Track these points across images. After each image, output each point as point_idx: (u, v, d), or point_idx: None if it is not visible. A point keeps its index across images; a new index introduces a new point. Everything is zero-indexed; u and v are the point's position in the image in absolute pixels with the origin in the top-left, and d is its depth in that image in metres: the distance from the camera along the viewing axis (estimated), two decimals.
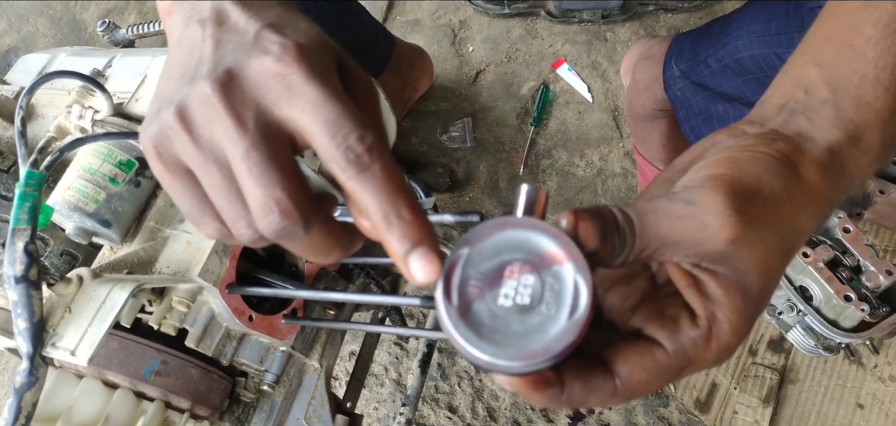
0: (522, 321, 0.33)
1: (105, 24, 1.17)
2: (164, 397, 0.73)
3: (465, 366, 1.30)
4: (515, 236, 0.34)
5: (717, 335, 0.36)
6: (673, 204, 0.35)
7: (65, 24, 1.89)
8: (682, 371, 0.36)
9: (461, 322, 0.32)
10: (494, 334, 0.32)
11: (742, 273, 0.35)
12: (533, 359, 0.32)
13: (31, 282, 0.61)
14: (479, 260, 0.34)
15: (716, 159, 0.37)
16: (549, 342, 0.32)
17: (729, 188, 0.35)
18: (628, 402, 1.21)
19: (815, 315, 1.07)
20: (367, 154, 0.32)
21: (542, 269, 0.33)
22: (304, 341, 0.83)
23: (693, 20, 1.55)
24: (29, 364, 0.61)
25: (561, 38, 1.58)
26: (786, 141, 0.38)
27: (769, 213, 0.35)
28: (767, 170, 0.36)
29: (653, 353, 0.36)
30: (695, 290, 0.36)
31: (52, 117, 0.83)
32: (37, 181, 0.63)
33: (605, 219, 0.34)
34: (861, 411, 1.15)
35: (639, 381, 0.36)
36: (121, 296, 0.63)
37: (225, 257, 0.70)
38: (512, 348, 0.32)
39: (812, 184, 0.37)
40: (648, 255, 0.36)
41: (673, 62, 1.12)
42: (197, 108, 0.34)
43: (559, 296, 0.33)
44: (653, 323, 0.37)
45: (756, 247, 0.35)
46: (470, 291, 0.33)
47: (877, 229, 1.27)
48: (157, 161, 0.36)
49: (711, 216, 0.34)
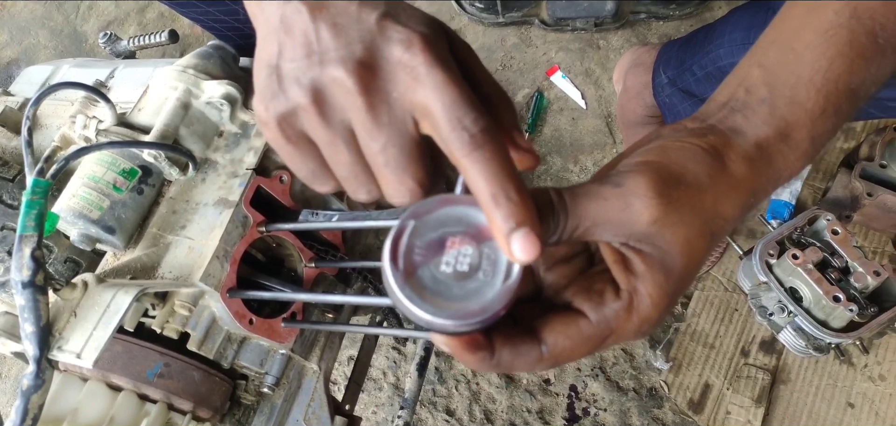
0: (461, 286, 0.36)
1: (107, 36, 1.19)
2: (167, 399, 0.74)
3: (463, 370, 1.32)
4: (457, 212, 0.38)
5: (638, 307, 0.39)
6: (602, 186, 0.38)
7: (66, 36, 1.92)
8: (604, 340, 0.40)
9: (406, 284, 0.35)
10: (436, 297, 0.35)
11: (664, 252, 0.38)
12: (469, 319, 0.35)
13: (37, 287, 0.63)
14: (425, 230, 0.37)
15: (648, 148, 0.41)
16: (484, 303, 0.35)
17: (654, 173, 0.38)
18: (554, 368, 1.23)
19: (805, 316, 1.09)
20: (481, 134, 0.35)
21: (480, 242, 0.37)
22: (303, 344, 0.85)
23: (684, 27, 1.58)
24: (35, 367, 0.62)
25: (555, 46, 1.61)
26: (717, 135, 0.41)
27: (691, 197, 0.38)
28: (693, 159, 0.39)
29: (577, 323, 0.39)
30: (621, 266, 0.39)
31: (56, 127, 0.85)
32: (43, 189, 0.65)
33: (540, 200, 0.37)
34: (852, 410, 1.17)
35: (563, 348, 0.39)
36: (124, 300, 0.65)
37: (226, 262, 0.71)
38: (451, 309, 0.35)
39: (736, 174, 0.40)
40: (580, 234, 0.39)
41: (661, 70, 1.14)
42: (333, 92, 0.37)
43: (495, 265, 0.36)
44: (580, 296, 0.40)
45: (678, 229, 0.38)
46: (415, 258, 0.36)
47: (865, 231, 1.29)
48: (278, 133, 0.39)
49: (635, 197, 0.37)
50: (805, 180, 1.34)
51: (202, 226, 0.73)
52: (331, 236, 0.86)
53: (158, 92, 0.79)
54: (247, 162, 0.76)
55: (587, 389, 1.27)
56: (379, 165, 0.38)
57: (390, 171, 0.38)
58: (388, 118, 0.37)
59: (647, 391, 1.25)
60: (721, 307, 1.27)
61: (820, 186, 1.34)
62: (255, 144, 0.77)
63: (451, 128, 0.35)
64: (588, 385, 1.27)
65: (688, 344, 1.24)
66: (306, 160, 0.40)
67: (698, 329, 1.26)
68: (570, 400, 1.27)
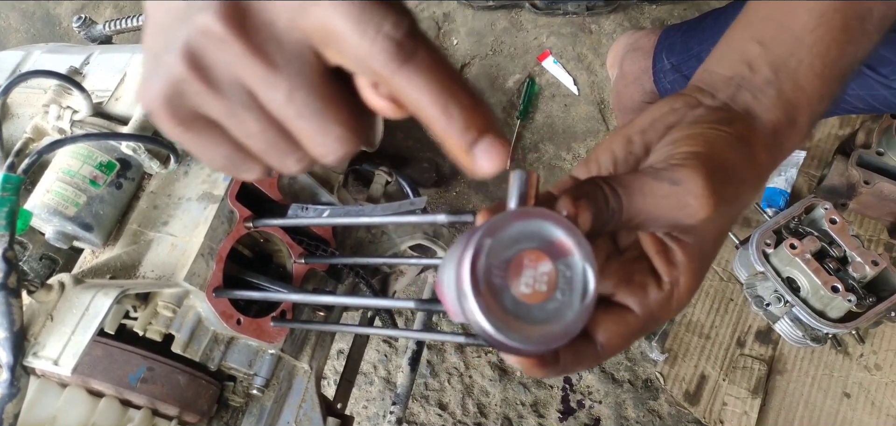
0: (541, 308, 0.34)
1: (81, 20, 1.13)
2: (151, 405, 0.71)
3: (455, 363, 1.29)
4: (531, 226, 0.35)
5: (677, 295, 0.40)
6: (659, 183, 0.38)
7: (38, 19, 1.84)
8: (648, 328, 0.41)
9: (490, 312, 0.33)
10: (519, 322, 0.34)
11: (703, 242, 0.40)
12: (554, 342, 0.34)
13: (10, 289, 0.59)
14: (500, 249, 0.35)
15: (690, 134, 0.40)
16: (566, 326, 0.34)
17: (706, 170, 0.38)
18: (605, 361, 1.25)
19: (802, 306, 1.08)
20: (409, 40, 0.29)
21: (556, 258, 0.35)
22: (293, 343, 0.82)
23: (677, 12, 1.55)
24: (10, 375, 0.59)
25: (546, 31, 1.57)
26: (741, 121, 0.41)
27: (734, 191, 0.39)
28: (733, 150, 0.40)
29: (625, 319, 0.40)
30: (663, 257, 0.40)
31: (28, 117, 0.81)
32: (14, 185, 0.61)
33: (598, 202, 0.37)
34: (848, 400, 1.16)
35: (616, 345, 0.40)
36: (104, 302, 0.61)
37: (211, 260, 0.68)
38: (536, 334, 0.34)
39: (761, 163, 0.41)
40: (630, 228, 0.39)
41: (663, 55, 1.12)
42: (208, 49, 0.30)
43: (571, 282, 0.35)
44: (623, 289, 0.40)
45: (718, 221, 0.39)
46: (494, 281, 0.34)
47: (861, 219, 1.28)
48: (171, 121, 0.32)
49: (693, 197, 0.37)
50: (800, 168, 1.32)
51: (185, 222, 0.70)
52: (321, 231, 0.83)
53: (137, 80, 0.75)
54: None
55: (582, 381, 1.25)
56: (291, 119, 0.31)
57: (306, 121, 0.31)
58: (281, 58, 0.30)
59: (642, 383, 1.24)
60: (717, 297, 1.26)
61: (815, 174, 1.32)
62: None
63: (369, 40, 0.28)
64: (583, 377, 1.25)
65: (683, 335, 1.23)
66: (213, 145, 0.33)
67: (694, 319, 1.24)
68: (565, 392, 1.25)
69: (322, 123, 0.31)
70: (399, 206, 0.70)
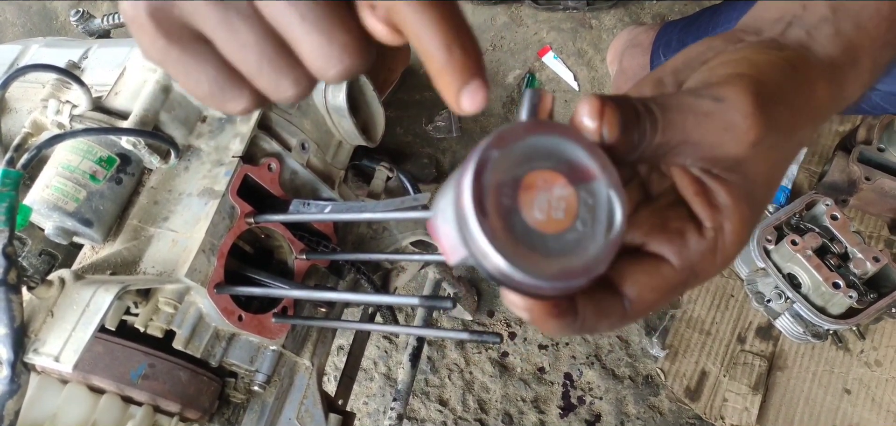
0: (558, 239, 0.29)
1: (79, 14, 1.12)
2: (153, 401, 0.70)
3: (455, 359, 1.29)
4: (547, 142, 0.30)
5: (723, 246, 0.34)
6: (699, 100, 0.32)
7: (35, 13, 1.83)
8: (687, 284, 0.35)
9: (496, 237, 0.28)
10: (532, 252, 0.28)
11: (751, 181, 0.34)
12: (572, 280, 0.29)
13: (9, 285, 0.58)
14: (509, 164, 0.29)
15: (733, 58, 0.35)
16: (588, 261, 0.29)
17: (755, 88, 0.32)
18: (635, 322, 1.19)
19: (803, 302, 1.08)
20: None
21: (576, 182, 0.30)
22: (294, 340, 0.81)
23: (678, 7, 1.55)
24: (10, 371, 0.58)
25: (546, 26, 1.57)
26: (793, 50, 0.36)
27: (788, 118, 0.34)
28: (784, 74, 0.34)
29: (660, 271, 0.34)
30: (703, 199, 0.34)
31: (26, 112, 0.80)
32: (13, 180, 0.60)
33: (627, 109, 0.31)
34: (848, 396, 1.16)
35: (649, 301, 0.34)
36: (105, 298, 0.61)
37: (212, 256, 0.67)
38: (551, 268, 0.28)
39: (819, 96, 0.36)
40: (664, 154, 0.33)
41: (661, 53, 1.12)
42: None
43: (594, 212, 0.30)
44: (657, 237, 0.34)
45: (769, 155, 0.33)
46: (502, 201, 0.29)
47: (861, 216, 1.28)
48: (155, 34, 0.29)
49: (740, 116, 0.32)
50: (801, 164, 1.32)
51: (186, 218, 0.69)
52: (322, 226, 0.82)
53: (136, 74, 0.74)
54: (233, 149, 0.71)
55: (582, 378, 1.25)
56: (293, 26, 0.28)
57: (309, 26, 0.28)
58: None
59: (643, 379, 1.24)
60: (717, 293, 1.25)
61: (816, 170, 1.32)
62: (241, 130, 0.72)
63: None
64: (583, 373, 1.25)
65: (684, 331, 1.23)
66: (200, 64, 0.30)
67: (694, 316, 1.24)
68: (566, 388, 1.25)
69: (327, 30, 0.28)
70: (401, 202, 0.70)
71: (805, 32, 0.37)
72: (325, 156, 0.83)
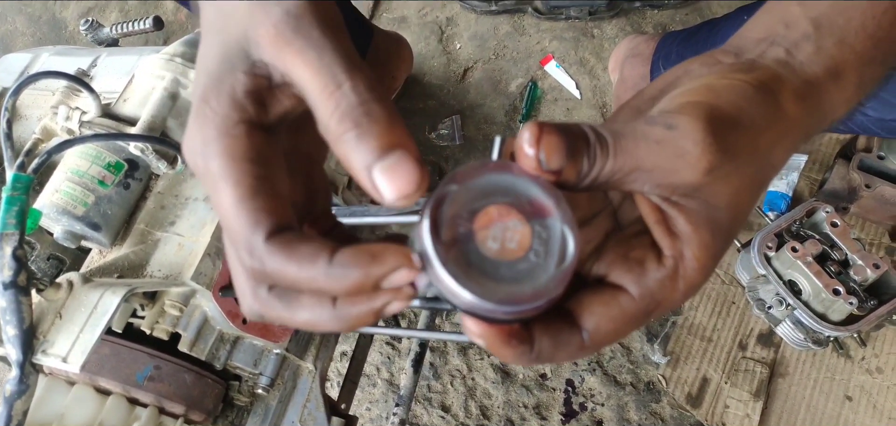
0: (510, 267, 0.31)
1: (88, 23, 1.14)
2: (158, 403, 0.71)
3: (458, 365, 1.29)
4: (504, 180, 0.32)
5: (684, 274, 0.34)
6: (651, 127, 0.32)
7: (44, 23, 1.86)
8: (649, 314, 0.35)
9: (449, 258, 0.30)
10: (482, 276, 0.30)
11: (712, 207, 0.33)
12: (520, 305, 0.30)
13: (19, 287, 0.60)
14: (468, 198, 0.32)
15: (692, 86, 0.35)
16: (537, 288, 0.31)
17: (708, 115, 0.32)
18: (596, 353, 1.19)
19: (804, 309, 1.08)
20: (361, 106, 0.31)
21: (531, 217, 0.32)
22: (298, 343, 0.82)
23: (679, 16, 1.56)
24: (19, 372, 0.59)
25: (548, 35, 1.58)
26: (764, 70, 0.36)
27: (747, 142, 0.33)
28: (746, 98, 0.34)
29: (618, 301, 0.34)
30: (663, 227, 0.34)
31: (36, 118, 0.82)
32: (24, 184, 0.62)
33: (575, 135, 0.31)
34: (850, 403, 1.17)
35: (607, 332, 0.34)
36: (112, 300, 0.62)
37: (218, 260, 0.69)
38: (500, 292, 0.30)
39: (790, 114, 0.35)
40: (618, 181, 0.33)
41: (661, 64, 1.12)
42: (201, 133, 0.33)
43: (547, 245, 0.31)
44: (618, 267, 0.35)
45: (730, 180, 0.33)
46: (459, 229, 0.31)
47: (862, 223, 1.29)
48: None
49: (691, 143, 0.32)
50: (802, 171, 1.33)
51: (192, 223, 0.70)
52: None
53: (144, 81, 0.76)
54: None
55: (584, 384, 1.26)
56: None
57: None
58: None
59: (644, 385, 1.24)
60: (718, 300, 1.26)
61: (817, 177, 1.33)
62: None
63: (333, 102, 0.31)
64: (585, 380, 1.26)
65: (685, 337, 1.23)
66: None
67: (696, 322, 1.24)
68: (567, 395, 1.25)
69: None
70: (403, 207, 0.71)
71: (785, 51, 0.37)
72: (330, 162, 0.84)
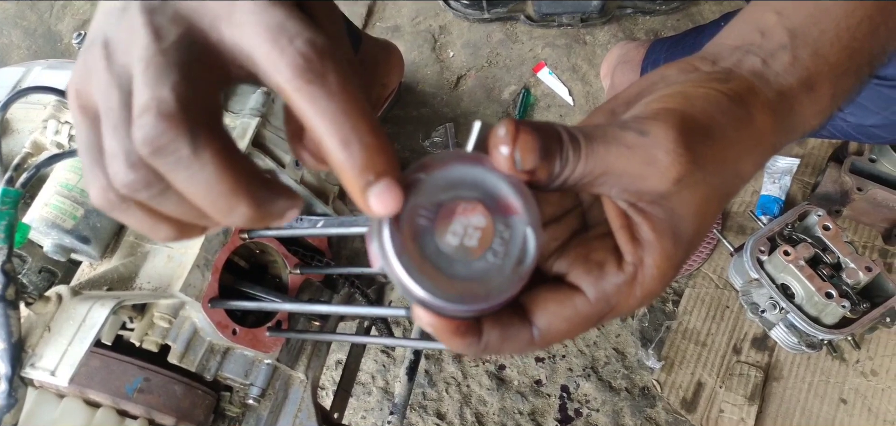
0: (466, 265, 0.30)
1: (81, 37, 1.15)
2: (148, 415, 0.71)
3: (453, 372, 1.29)
4: (473, 173, 0.31)
5: (642, 281, 0.34)
6: (623, 132, 0.32)
7: (39, 36, 1.87)
8: (603, 317, 0.35)
9: (404, 251, 0.30)
10: (437, 272, 0.30)
11: (677, 217, 0.33)
12: (471, 305, 0.30)
13: (8, 301, 0.60)
14: (433, 189, 0.31)
15: (667, 93, 0.35)
16: (490, 289, 0.30)
17: (680, 124, 0.32)
18: (545, 349, 1.16)
19: (797, 312, 1.08)
20: (319, 59, 0.28)
21: (494, 214, 0.31)
22: (289, 353, 0.82)
23: (670, 23, 1.57)
24: (7, 385, 0.60)
25: (541, 42, 1.59)
26: (739, 80, 0.36)
27: (717, 153, 0.33)
28: (719, 108, 0.34)
29: (573, 302, 0.34)
30: (627, 233, 0.34)
31: (27, 132, 0.82)
32: (13, 199, 0.62)
33: (549, 135, 0.31)
34: (844, 406, 1.17)
35: (557, 331, 0.34)
36: (101, 313, 0.62)
37: (207, 271, 0.69)
38: (452, 290, 0.30)
39: (761, 127, 0.35)
40: (588, 184, 0.33)
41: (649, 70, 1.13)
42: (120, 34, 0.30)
43: (508, 245, 0.31)
44: (578, 268, 0.35)
45: (697, 190, 0.33)
46: (418, 221, 0.30)
47: (855, 226, 1.29)
48: (76, 108, 0.32)
49: (662, 151, 0.32)
50: (794, 175, 1.33)
51: None
52: (317, 241, 0.84)
53: None
54: None
55: (579, 390, 1.26)
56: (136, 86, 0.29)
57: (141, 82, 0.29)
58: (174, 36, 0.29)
59: (639, 390, 1.24)
60: (712, 304, 1.26)
61: (809, 181, 1.33)
62: None
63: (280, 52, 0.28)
64: (580, 385, 1.26)
65: (680, 342, 1.23)
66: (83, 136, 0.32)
67: (690, 327, 1.24)
68: (562, 401, 1.25)
69: (154, 85, 0.28)
70: None
71: (760, 61, 0.37)
72: (319, 172, 0.84)
